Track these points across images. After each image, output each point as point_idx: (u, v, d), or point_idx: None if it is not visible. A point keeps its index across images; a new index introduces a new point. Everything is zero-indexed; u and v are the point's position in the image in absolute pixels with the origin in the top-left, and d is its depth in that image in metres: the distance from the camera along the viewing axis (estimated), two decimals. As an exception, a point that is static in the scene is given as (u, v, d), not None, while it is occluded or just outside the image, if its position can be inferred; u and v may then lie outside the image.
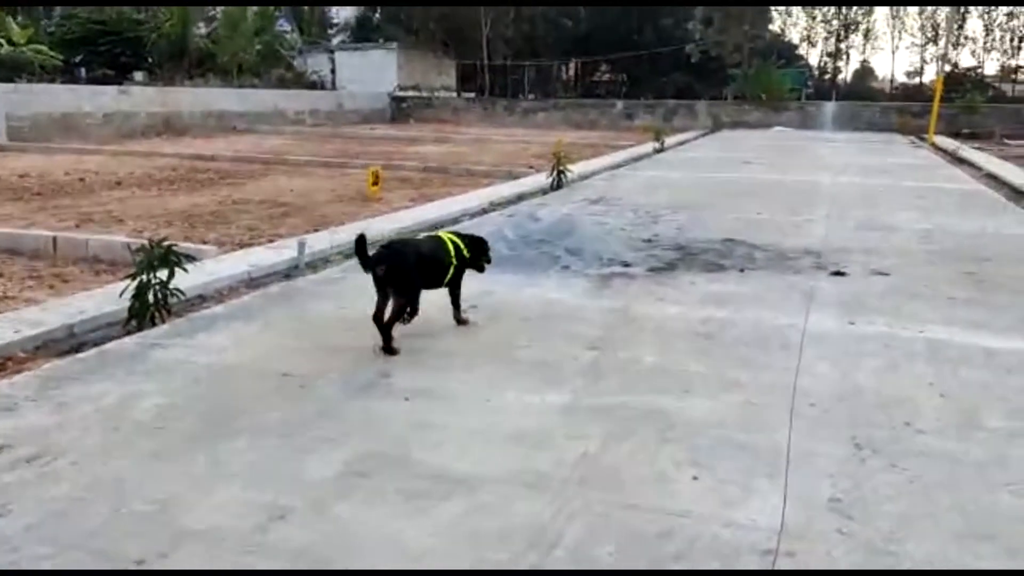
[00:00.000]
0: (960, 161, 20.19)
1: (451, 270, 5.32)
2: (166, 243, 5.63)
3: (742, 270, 7.50)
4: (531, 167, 16.31)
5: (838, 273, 7.38)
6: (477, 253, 5.56)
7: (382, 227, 9.15)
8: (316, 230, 9.29)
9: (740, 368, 4.88)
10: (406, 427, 3.95)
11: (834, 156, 20.88)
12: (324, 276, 7.12)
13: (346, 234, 8.67)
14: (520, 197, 12.36)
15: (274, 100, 32.11)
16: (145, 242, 5.64)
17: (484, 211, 11.02)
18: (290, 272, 7.24)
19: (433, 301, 6.27)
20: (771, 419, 4.13)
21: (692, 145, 24.73)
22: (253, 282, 6.91)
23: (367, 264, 4.88)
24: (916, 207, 11.83)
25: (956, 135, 29.31)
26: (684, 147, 23.64)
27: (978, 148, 23.93)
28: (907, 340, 5.49)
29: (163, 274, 5.55)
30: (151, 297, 5.52)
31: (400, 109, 38.45)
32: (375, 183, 12.28)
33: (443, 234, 5.52)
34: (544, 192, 13.05)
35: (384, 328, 4.93)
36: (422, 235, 6.30)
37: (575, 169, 14.37)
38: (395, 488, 3.37)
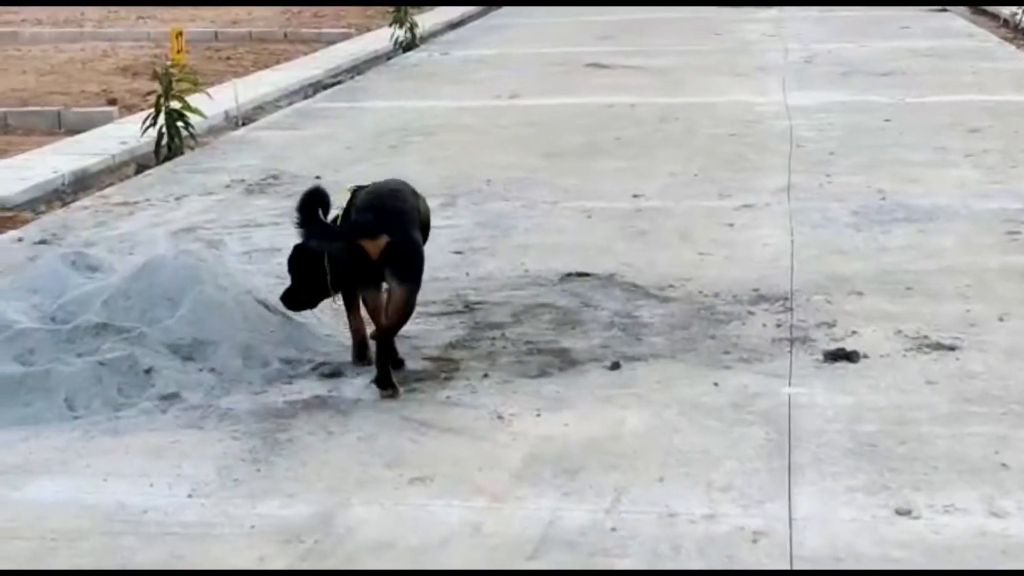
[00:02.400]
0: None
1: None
2: None
3: (616, 365, 3.33)
4: (112, 102, 8.24)
5: (839, 355, 3.25)
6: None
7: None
8: None
9: None
10: None
11: (777, 41, 11.12)
12: None
13: None
14: (78, 185, 5.91)
15: None
16: None
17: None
18: None
19: None
20: None
21: (477, 30, 13.50)
22: None
23: (334, 236, 3.06)
24: (970, 155, 6.05)
25: None
26: (459, 35, 13.05)
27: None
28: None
29: None
30: None
31: None
32: None
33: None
34: (138, 167, 6.33)
35: (386, 343, 3.08)
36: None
37: (213, 103, 6.99)
38: None
